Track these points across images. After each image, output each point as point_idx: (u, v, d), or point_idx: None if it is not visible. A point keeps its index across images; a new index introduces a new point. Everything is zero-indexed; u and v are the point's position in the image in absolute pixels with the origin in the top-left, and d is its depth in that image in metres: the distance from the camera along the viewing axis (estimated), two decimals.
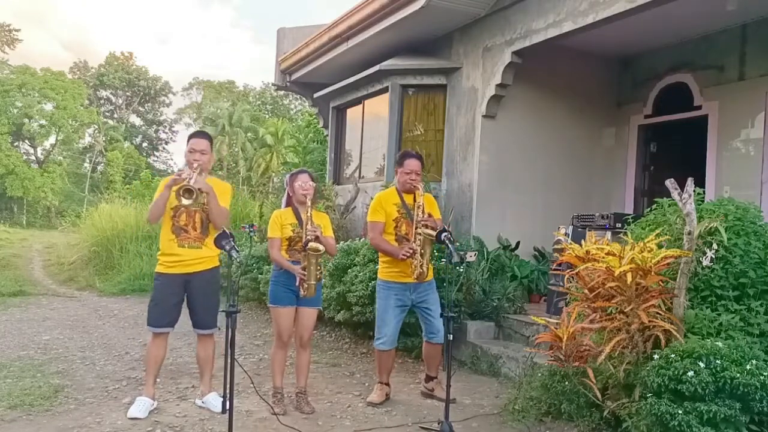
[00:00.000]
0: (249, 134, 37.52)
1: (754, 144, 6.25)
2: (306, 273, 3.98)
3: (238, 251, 3.38)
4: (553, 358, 3.65)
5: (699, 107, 6.77)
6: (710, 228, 3.44)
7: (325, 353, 5.95)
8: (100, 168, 42.94)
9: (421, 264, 4.17)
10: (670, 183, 3.50)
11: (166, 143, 50.04)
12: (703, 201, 3.79)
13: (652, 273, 3.25)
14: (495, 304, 5.74)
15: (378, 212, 4.36)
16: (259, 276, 7.66)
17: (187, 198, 3.74)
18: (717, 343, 3.07)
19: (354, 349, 6.13)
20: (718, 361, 2.96)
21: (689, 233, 3.38)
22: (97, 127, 42.74)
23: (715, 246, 3.44)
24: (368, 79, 8.02)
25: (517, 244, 6.91)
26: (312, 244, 3.92)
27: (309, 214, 4.04)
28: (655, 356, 3.17)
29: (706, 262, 3.45)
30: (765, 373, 2.92)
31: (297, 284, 4.04)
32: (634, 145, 7.56)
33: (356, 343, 6.25)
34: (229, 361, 3.14)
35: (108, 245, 12.18)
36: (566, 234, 5.11)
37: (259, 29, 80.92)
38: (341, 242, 6.35)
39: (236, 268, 3.43)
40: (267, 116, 42.41)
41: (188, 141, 4.12)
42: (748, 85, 6.29)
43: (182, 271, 4.01)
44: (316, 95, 9.55)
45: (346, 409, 4.24)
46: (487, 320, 5.72)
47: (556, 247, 5.40)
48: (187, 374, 5.03)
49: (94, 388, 4.59)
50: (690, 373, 2.93)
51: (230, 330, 3.19)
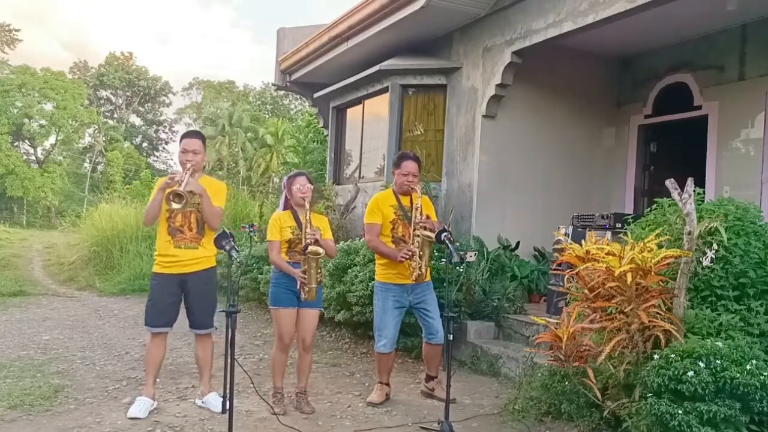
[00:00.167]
0: (249, 134, 37.49)
1: (754, 144, 6.25)
2: (306, 276, 3.98)
3: (238, 251, 3.37)
4: (553, 358, 3.65)
5: (699, 107, 6.77)
6: (710, 228, 3.44)
7: (325, 353, 5.95)
8: (100, 168, 42.93)
9: (420, 266, 4.16)
10: (670, 183, 3.50)
11: (166, 143, 50.09)
12: (703, 201, 3.79)
13: (652, 273, 3.25)
14: (495, 304, 5.74)
15: (375, 214, 4.34)
16: (259, 276, 7.66)
17: (177, 203, 3.73)
18: (717, 343, 3.07)
19: (354, 349, 6.13)
20: (718, 361, 2.96)
21: (689, 233, 3.38)
22: (97, 127, 42.73)
23: (715, 246, 3.44)
24: (368, 79, 8.02)
25: (517, 244, 6.91)
26: (312, 247, 3.91)
27: (308, 218, 4.03)
28: (655, 356, 3.17)
29: (706, 262, 3.45)
30: (765, 373, 2.92)
31: (298, 287, 4.04)
32: (634, 145, 7.56)
33: (356, 343, 6.25)
34: (229, 361, 3.15)
35: (108, 245, 12.17)
36: (566, 234, 5.10)
37: (259, 29, 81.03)
38: (341, 242, 6.36)
39: (236, 268, 3.43)
40: (267, 116, 42.39)
41: (180, 141, 4.08)
42: (748, 85, 6.29)
43: (179, 271, 4.01)
44: (316, 95, 9.55)
45: (346, 409, 4.24)
46: (487, 320, 5.72)
47: (556, 247, 5.40)
48: (187, 374, 5.03)
49: (94, 388, 4.60)
50: (690, 373, 2.93)
51: (230, 330, 3.19)
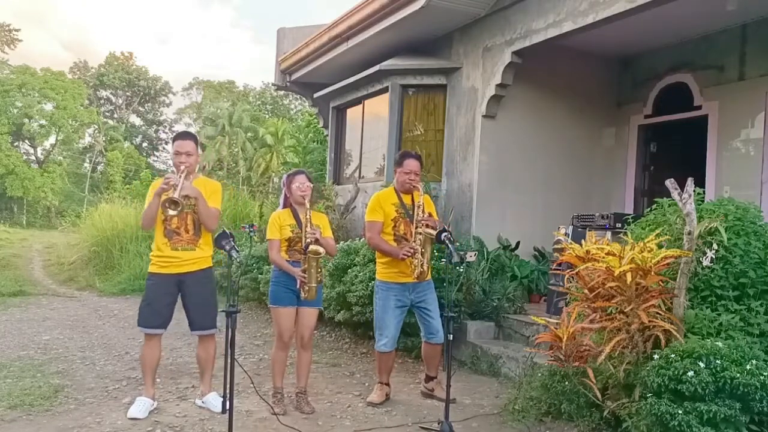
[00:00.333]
0: (249, 134, 37.46)
1: (754, 144, 6.25)
2: (306, 276, 3.98)
3: (238, 251, 3.37)
4: (553, 358, 3.65)
5: (699, 107, 6.77)
6: (710, 228, 3.44)
7: (325, 353, 5.95)
8: (100, 168, 42.92)
9: (422, 263, 4.16)
10: (670, 183, 3.50)
11: (166, 143, 49.95)
12: (703, 201, 3.79)
13: (652, 273, 3.25)
14: (495, 304, 5.74)
15: (376, 212, 4.33)
16: (259, 276, 7.65)
17: (173, 209, 3.73)
18: (717, 343, 3.07)
19: (354, 349, 6.13)
20: (718, 361, 2.96)
21: (689, 233, 3.38)
22: (97, 127, 42.72)
23: (715, 246, 3.44)
24: (368, 79, 8.02)
25: (517, 244, 6.91)
26: (312, 247, 3.91)
27: (308, 217, 4.03)
28: (655, 356, 3.17)
29: (706, 262, 3.45)
30: (765, 373, 2.92)
31: (297, 287, 4.04)
32: (634, 145, 7.56)
33: (356, 343, 6.25)
34: (229, 361, 3.15)
35: (108, 245, 12.17)
36: (566, 234, 5.10)
37: (259, 29, 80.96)
38: (341, 242, 6.36)
39: (236, 268, 3.43)
40: (267, 116, 42.38)
41: (173, 143, 4.06)
42: (748, 85, 6.29)
43: (176, 270, 4.00)
44: (316, 95, 9.55)
45: (346, 409, 4.24)
46: (487, 320, 5.72)
47: (556, 247, 5.40)
48: (187, 374, 5.03)
49: (94, 388, 4.60)
50: (690, 373, 2.93)
51: (230, 330, 3.19)
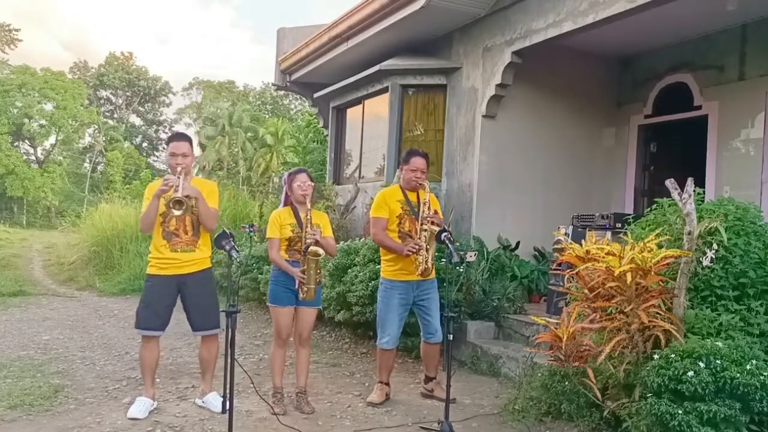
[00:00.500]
0: (249, 134, 37.46)
1: (754, 144, 6.25)
2: (305, 276, 3.98)
3: (238, 251, 3.37)
4: (553, 358, 3.65)
5: (699, 107, 6.77)
6: (710, 228, 3.44)
7: (325, 353, 5.95)
8: (100, 168, 42.93)
9: (427, 260, 4.17)
10: (670, 183, 3.50)
11: (166, 143, 50.01)
12: (703, 201, 3.79)
13: (652, 273, 3.25)
14: (495, 304, 5.74)
15: (382, 208, 4.34)
16: (259, 276, 7.65)
17: (178, 209, 3.71)
18: (717, 343, 3.07)
19: (354, 349, 6.13)
20: (718, 361, 2.96)
21: (689, 233, 3.38)
22: (97, 127, 42.72)
23: (715, 246, 3.44)
24: (368, 79, 8.02)
25: (517, 244, 6.91)
26: (312, 248, 3.90)
27: (308, 217, 4.02)
28: (655, 356, 3.17)
29: (706, 262, 3.45)
30: (765, 373, 2.92)
31: (296, 287, 4.04)
32: (634, 145, 7.56)
33: (356, 343, 6.25)
34: (229, 361, 3.14)
35: (108, 245, 12.16)
36: (566, 234, 5.10)
37: (259, 29, 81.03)
38: (341, 242, 6.35)
39: (236, 268, 3.43)
40: (267, 116, 42.38)
41: (168, 144, 4.04)
42: (748, 85, 6.29)
43: (175, 272, 3.98)
44: (316, 95, 9.55)
45: (346, 409, 4.24)
46: (487, 320, 5.71)
47: (556, 247, 5.40)
48: (187, 374, 5.03)
49: (94, 388, 4.60)
50: (690, 373, 2.93)
51: (230, 330, 3.19)
